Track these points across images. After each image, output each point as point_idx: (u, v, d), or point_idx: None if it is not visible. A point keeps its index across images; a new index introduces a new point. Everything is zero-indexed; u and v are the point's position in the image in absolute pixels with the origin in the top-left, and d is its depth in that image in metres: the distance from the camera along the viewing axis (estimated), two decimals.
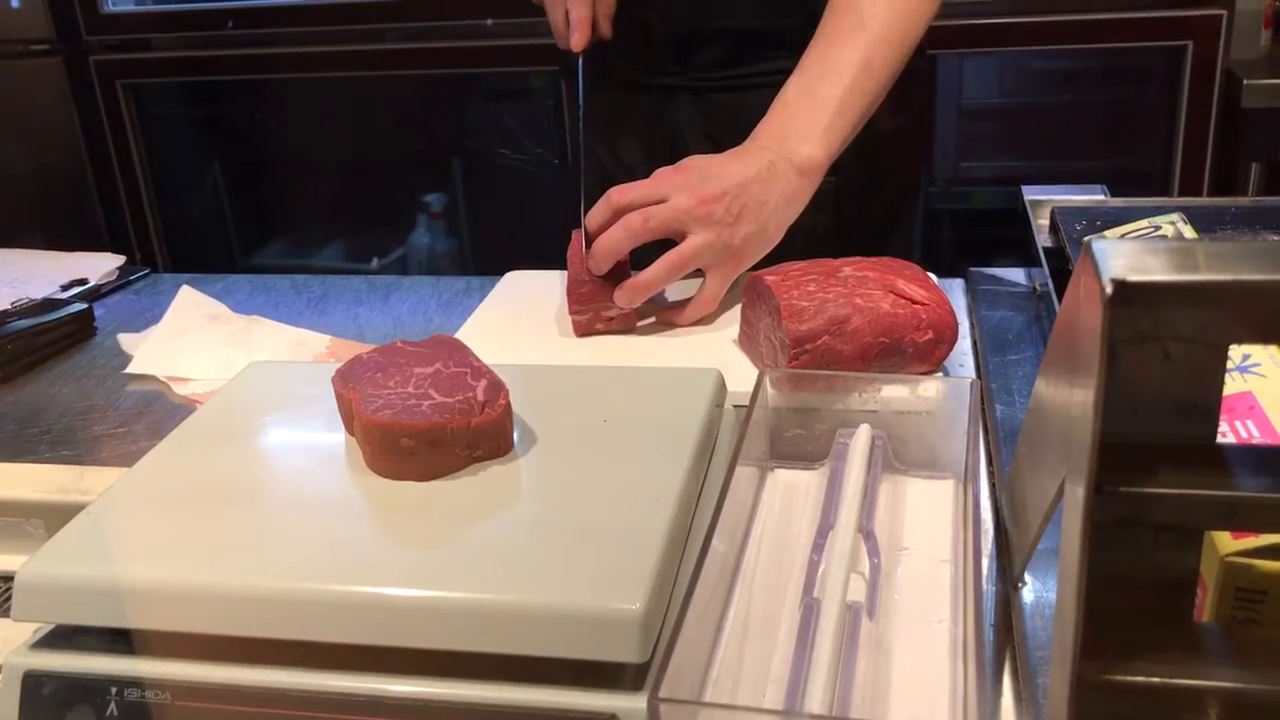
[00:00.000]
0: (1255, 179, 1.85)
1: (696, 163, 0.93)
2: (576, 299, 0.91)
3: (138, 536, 0.58)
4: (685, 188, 0.90)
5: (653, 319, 0.95)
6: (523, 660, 0.51)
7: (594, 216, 0.93)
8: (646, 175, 0.94)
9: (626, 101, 1.20)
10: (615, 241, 0.90)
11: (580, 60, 1.04)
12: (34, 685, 0.55)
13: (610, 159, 1.23)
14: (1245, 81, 1.79)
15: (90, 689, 0.55)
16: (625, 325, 0.94)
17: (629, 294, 0.91)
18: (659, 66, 1.17)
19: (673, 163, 0.95)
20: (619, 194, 0.92)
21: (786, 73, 0.98)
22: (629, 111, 1.21)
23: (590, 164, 1.25)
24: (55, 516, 0.70)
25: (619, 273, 0.92)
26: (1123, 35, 1.88)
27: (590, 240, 0.92)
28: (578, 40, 1.03)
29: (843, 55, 0.96)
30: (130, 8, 2.29)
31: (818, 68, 0.96)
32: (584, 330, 0.93)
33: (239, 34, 2.21)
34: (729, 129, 0.99)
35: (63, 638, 0.57)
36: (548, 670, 0.51)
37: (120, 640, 0.56)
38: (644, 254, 0.92)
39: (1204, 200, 1.13)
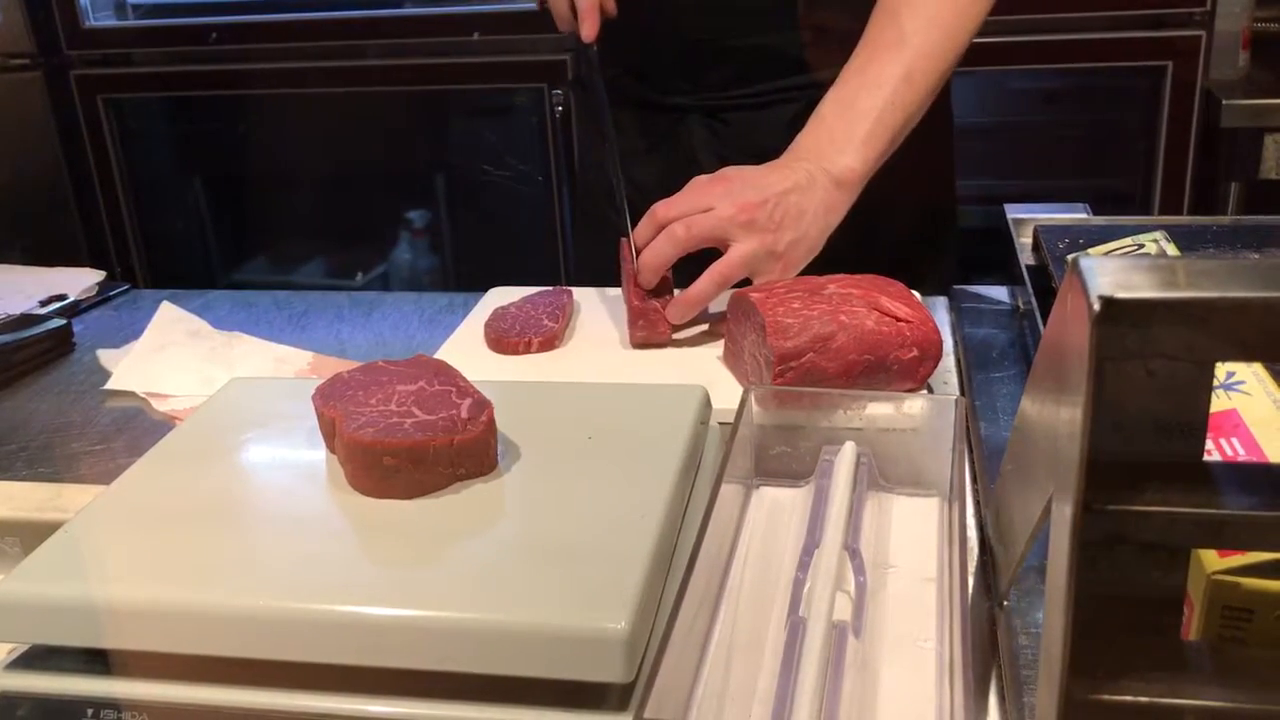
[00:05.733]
0: (1234, 198, 1.86)
1: (734, 173, 0.94)
2: (639, 318, 0.92)
3: (115, 555, 0.57)
4: (726, 196, 0.91)
5: (705, 327, 0.95)
6: (507, 680, 0.51)
7: (640, 233, 0.94)
8: (660, 194, 0.94)
9: (638, 120, 1.20)
10: (660, 253, 0.91)
11: (594, 50, 1.02)
12: (8, 707, 0.54)
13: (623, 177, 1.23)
14: (1224, 102, 1.81)
15: (66, 710, 0.54)
16: (670, 334, 0.94)
17: (680, 309, 0.92)
18: (670, 86, 1.17)
19: (685, 182, 0.95)
20: (663, 209, 0.93)
21: (797, 89, 0.98)
22: (640, 130, 1.20)
23: (599, 180, 1.24)
24: (31, 534, 0.69)
25: (665, 287, 0.93)
26: (1103, 56, 1.90)
27: (637, 254, 0.93)
28: (588, 31, 1.00)
29: (883, 69, 0.96)
30: (112, 22, 2.28)
31: (856, 80, 0.96)
32: (641, 344, 0.93)
33: (221, 49, 2.20)
34: (741, 148, 0.99)
35: (38, 658, 0.56)
36: (532, 690, 0.51)
37: (97, 660, 0.55)
38: (694, 271, 0.93)
39: (1185, 219, 1.13)
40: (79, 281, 1.22)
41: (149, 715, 0.53)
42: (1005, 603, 0.61)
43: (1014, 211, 1.03)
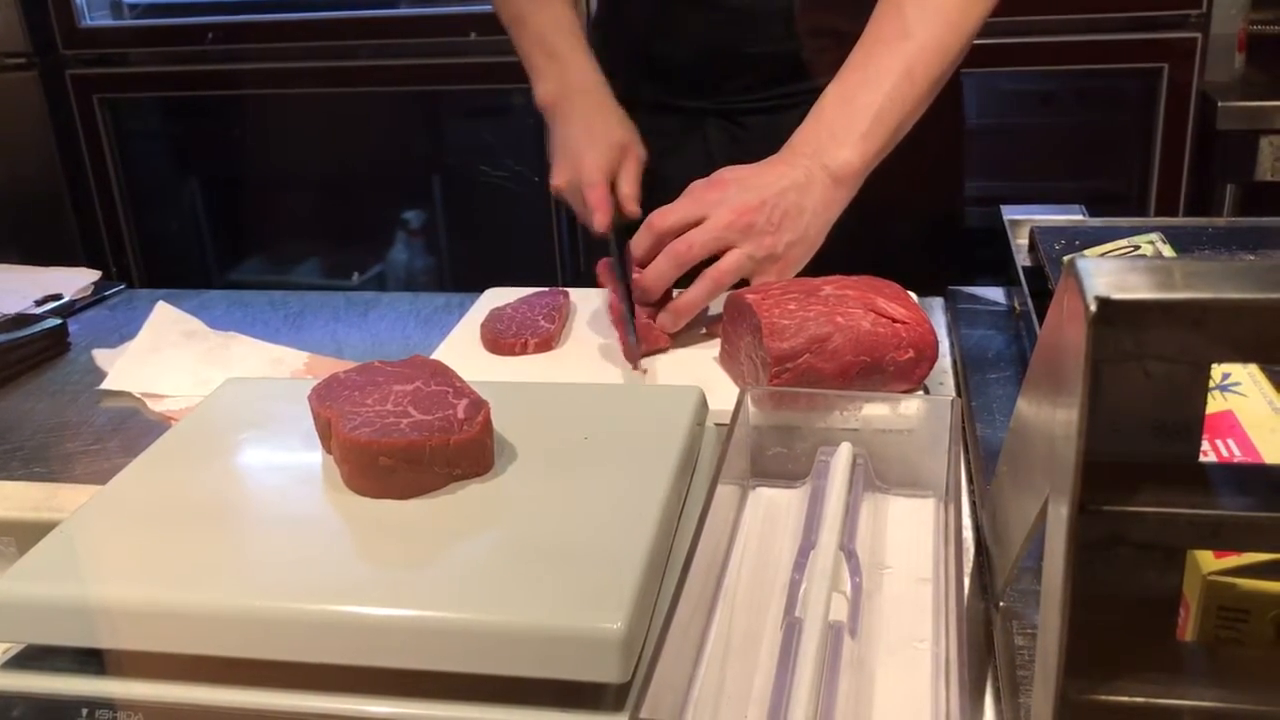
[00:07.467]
0: (1230, 200, 1.87)
1: (731, 174, 0.93)
2: (637, 329, 0.91)
3: (110, 555, 0.57)
4: (723, 202, 0.90)
5: (702, 330, 0.95)
6: (503, 680, 0.51)
7: (638, 243, 0.93)
8: (674, 198, 0.94)
9: (655, 123, 1.19)
10: (662, 275, 0.90)
11: (612, 238, 0.98)
12: (3, 707, 0.54)
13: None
14: (1220, 104, 1.81)
15: (61, 710, 0.54)
16: (669, 343, 0.93)
17: (673, 317, 0.92)
18: (688, 90, 1.17)
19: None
20: (659, 218, 0.92)
21: (816, 93, 0.97)
22: (658, 133, 1.20)
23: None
24: (27, 534, 0.69)
25: (665, 297, 0.93)
26: (1099, 58, 1.90)
27: (638, 265, 0.92)
28: (600, 221, 0.98)
29: (883, 63, 0.95)
30: (108, 22, 2.28)
31: (857, 75, 0.95)
32: (637, 357, 0.91)
33: (217, 49, 2.20)
34: (759, 151, 0.98)
35: (33, 658, 0.56)
36: (528, 690, 0.51)
37: (92, 660, 0.55)
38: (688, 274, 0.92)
39: (1181, 220, 1.14)
40: (74, 281, 1.22)
41: (144, 715, 0.53)
42: (1001, 603, 0.61)
43: (1010, 213, 1.03)
